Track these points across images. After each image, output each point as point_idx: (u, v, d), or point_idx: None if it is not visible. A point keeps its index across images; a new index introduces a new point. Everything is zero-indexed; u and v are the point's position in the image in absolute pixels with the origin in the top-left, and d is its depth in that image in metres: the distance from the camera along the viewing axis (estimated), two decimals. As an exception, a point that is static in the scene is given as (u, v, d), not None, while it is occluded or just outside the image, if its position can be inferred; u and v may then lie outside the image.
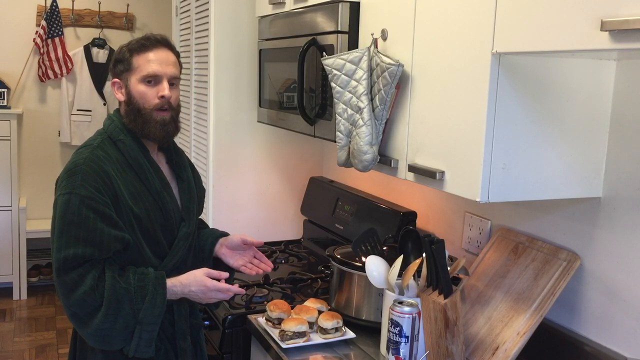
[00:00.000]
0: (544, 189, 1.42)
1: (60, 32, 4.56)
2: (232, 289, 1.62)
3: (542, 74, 1.35)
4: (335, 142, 1.75)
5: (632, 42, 0.98)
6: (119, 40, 4.69)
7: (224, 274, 1.63)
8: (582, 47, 1.08)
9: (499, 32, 1.27)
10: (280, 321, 1.77)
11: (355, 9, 1.80)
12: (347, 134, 1.69)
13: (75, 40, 4.78)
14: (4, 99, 4.41)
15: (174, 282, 1.60)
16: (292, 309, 1.83)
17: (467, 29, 1.36)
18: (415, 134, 1.56)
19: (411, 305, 1.56)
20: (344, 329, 1.78)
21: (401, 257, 1.66)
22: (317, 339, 1.75)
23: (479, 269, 1.75)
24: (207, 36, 2.64)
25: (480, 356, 1.57)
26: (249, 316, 1.91)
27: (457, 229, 2.00)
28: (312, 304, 1.89)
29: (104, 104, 4.75)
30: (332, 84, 1.70)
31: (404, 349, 1.56)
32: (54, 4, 4.51)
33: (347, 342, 1.77)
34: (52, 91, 4.75)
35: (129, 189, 1.59)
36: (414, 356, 1.58)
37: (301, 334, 1.71)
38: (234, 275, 1.86)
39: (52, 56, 4.56)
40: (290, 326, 1.71)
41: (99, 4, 4.76)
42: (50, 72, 4.59)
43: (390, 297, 1.64)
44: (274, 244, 2.71)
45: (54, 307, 4.37)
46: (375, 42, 1.65)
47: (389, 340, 1.58)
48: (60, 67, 4.59)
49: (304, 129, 2.08)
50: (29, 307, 4.37)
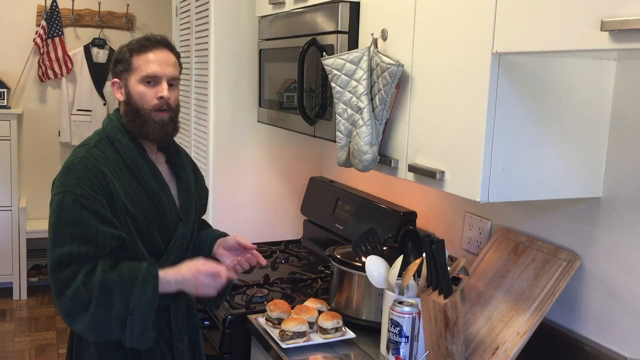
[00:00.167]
0: (544, 189, 1.42)
1: (60, 32, 4.56)
2: (224, 272, 1.60)
3: (542, 74, 1.35)
4: (335, 142, 1.75)
5: (632, 42, 0.98)
6: (119, 40, 4.69)
7: (221, 267, 1.62)
8: (582, 47, 1.08)
9: (499, 32, 1.27)
10: (280, 321, 1.77)
11: (355, 9, 1.80)
12: (347, 134, 1.69)
13: (75, 40, 4.78)
14: (4, 99, 4.41)
15: (166, 270, 1.59)
16: (292, 309, 1.83)
17: (467, 29, 1.36)
18: (415, 134, 1.56)
19: (411, 305, 1.56)
20: (344, 329, 1.78)
21: (401, 257, 1.66)
22: (317, 339, 1.75)
23: (479, 269, 1.75)
24: (207, 36, 2.64)
25: (480, 356, 1.57)
26: (249, 316, 1.91)
27: (457, 229, 2.00)
28: (312, 304, 1.89)
29: (104, 104, 4.75)
30: (332, 84, 1.70)
31: (404, 349, 1.56)
32: (54, 4, 4.51)
33: (347, 342, 1.77)
34: (52, 91, 4.75)
35: (125, 188, 1.59)
36: (414, 356, 1.58)
37: (301, 334, 1.71)
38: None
39: (52, 56, 4.56)
40: (290, 326, 1.71)
41: (99, 4, 4.76)
42: (50, 72, 4.59)
43: (390, 297, 1.64)
44: (274, 244, 2.71)
45: (54, 307, 4.37)
46: (375, 42, 1.65)
47: (389, 340, 1.58)
48: (60, 67, 4.59)
49: (304, 129, 2.08)
50: (29, 307, 4.37)
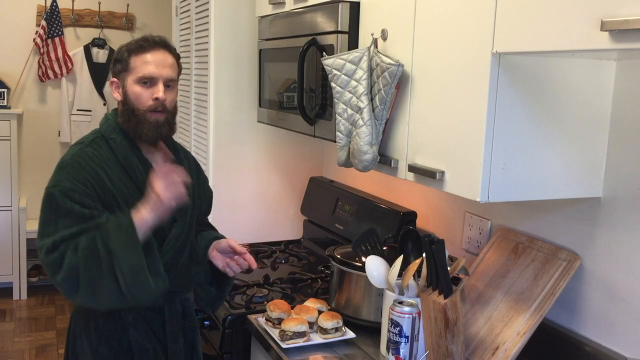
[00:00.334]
0: (544, 189, 1.42)
1: (60, 32, 4.55)
2: (174, 168, 1.56)
3: (542, 74, 1.35)
4: (335, 142, 1.75)
5: (632, 42, 0.98)
6: (119, 40, 4.68)
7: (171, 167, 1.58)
8: (582, 47, 1.08)
9: (499, 32, 1.27)
10: (280, 321, 1.77)
11: (355, 9, 1.80)
12: (347, 134, 1.69)
13: (75, 40, 4.78)
14: (4, 99, 4.41)
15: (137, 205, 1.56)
16: (292, 309, 1.83)
17: (467, 29, 1.36)
18: (415, 134, 1.56)
19: (411, 305, 1.56)
20: (344, 329, 1.78)
21: (401, 257, 1.66)
22: (317, 339, 1.75)
23: (479, 269, 1.75)
24: (207, 36, 2.64)
25: (480, 356, 1.57)
26: (249, 316, 1.91)
27: (457, 229, 2.00)
28: (312, 304, 1.88)
29: (104, 104, 4.75)
30: (332, 84, 1.70)
31: (404, 349, 1.56)
32: (54, 4, 4.51)
33: (347, 342, 1.77)
34: (52, 91, 4.74)
35: (118, 186, 1.60)
36: (414, 356, 1.58)
37: (301, 334, 1.71)
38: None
39: (52, 56, 4.55)
40: (290, 326, 1.71)
41: (99, 4, 4.76)
42: (50, 72, 4.59)
43: (390, 297, 1.64)
44: (274, 244, 2.71)
45: (54, 307, 4.37)
46: (375, 42, 1.65)
47: (389, 340, 1.58)
48: (60, 67, 4.59)
49: (304, 129, 2.08)
50: (29, 307, 4.37)
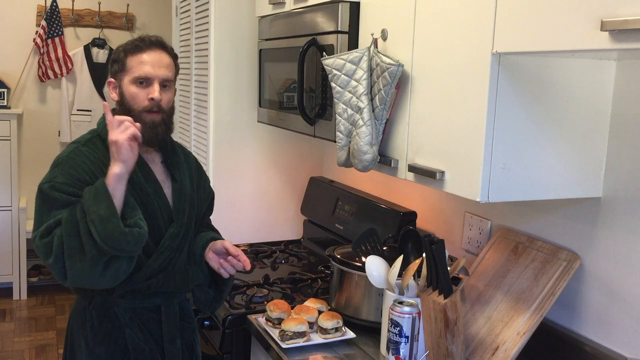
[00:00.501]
0: (544, 189, 1.42)
1: (60, 32, 4.55)
2: (122, 118, 1.53)
3: (542, 74, 1.35)
4: (335, 142, 1.75)
5: (632, 42, 0.98)
6: (119, 40, 4.67)
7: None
8: (582, 47, 1.08)
9: (499, 32, 1.27)
10: (280, 321, 1.77)
11: (355, 9, 1.80)
12: (347, 134, 1.69)
13: (75, 40, 4.78)
14: (4, 99, 4.41)
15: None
16: (292, 309, 1.83)
17: (467, 29, 1.36)
18: (415, 134, 1.56)
19: (411, 305, 1.57)
20: (344, 329, 1.78)
21: (401, 257, 1.66)
22: (317, 339, 1.75)
23: (479, 269, 1.75)
24: (207, 36, 2.64)
25: (480, 356, 1.57)
26: (249, 316, 1.91)
27: (457, 229, 2.00)
28: (312, 304, 1.88)
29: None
30: (332, 84, 1.70)
31: (404, 349, 1.56)
32: (54, 4, 4.51)
33: (347, 342, 1.77)
34: (52, 91, 4.74)
35: None
36: (414, 356, 1.58)
37: (301, 334, 1.71)
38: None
39: (52, 56, 4.55)
40: (290, 326, 1.71)
41: (99, 4, 4.76)
42: (50, 72, 4.58)
43: (390, 297, 1.64)
44: (274, 244, 2.71)
45: (54, 307, 4.37)
46: (375, 42, 1.65)
47: (389, 340, 1.58)
48: (60, 67, 4.59)
49: (304, 129, 2.08)
50: (29, 307, 4.37)
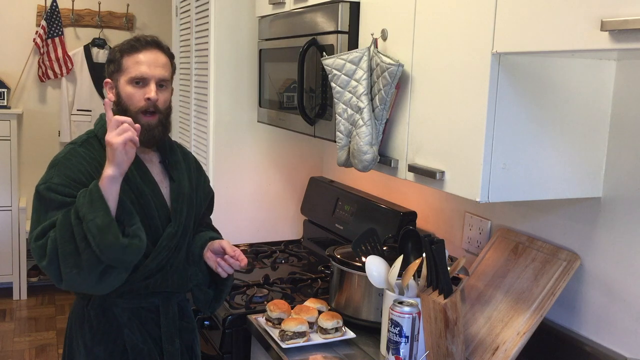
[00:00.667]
0: (544, 189, 1.42)
1: (60, 32, 4.55)
2: (121, 118, 1.51)
3: (542, 74, 1.35)
4: (335, 142, 1.75)
5: (632, 42, 0.98)
6: (119, 40, 4.65)
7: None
8: (582, 47, 1.08)
9: (499, 32, 1.27)
10: (280, 321, 1.77)
11: (355, 9, 1.80)
12: (347, 134, 1.69)
13: (75, 40, 4.78)
14: (4, 99, 4.41)
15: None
16: (292, 309, 1.83)
17: (467, 29, 1.36)
18: (415, 134, 1.56)
19: (411, 305, 1.57)
20: (344, 329, 1.78)
21: (401, 257, 1.66)
22: (317, 339, 1.75)
23: (479, 269, 1.75)
24: (207, 36, 2.64)
25: (480, 356, 1.57)
26: (249, 316, 1.91)
27: (457, 229, 2.00)
28: (312, 304, 1.88)
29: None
30: (332, 84, 1.70)
31: (404, 349, 1.56)
32: (54, 4, 4.51)
33: (347, 342, 1.77)
34: (52, 91, 4.74)
35: None
36: (414, 356, 1.58)
37: (301, 334, 1.71)
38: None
39: (52, 56, 4.55)
40: (290, 326, 1.71)
41: (99, 4, 4.76)
42: (50, 72, 4.58)
43: (390, 297, 1.64)
44: (274, 244, 2.71)
45: (54, 307, 4.37)
46: (375, 42, 1.65)
47: (389, 340, 1.58)
48: (60, 67, 4.59)
49: (304, 129, 2.08)
50: (29, 307, 4.37)
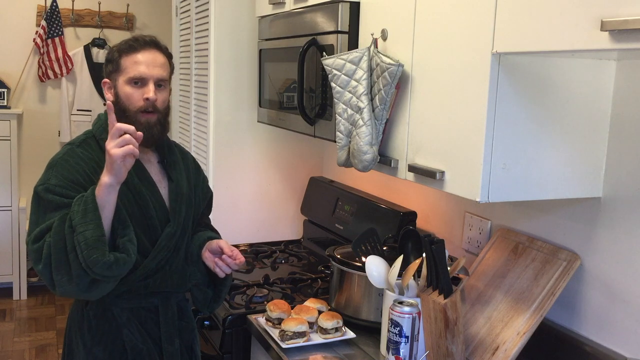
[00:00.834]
0: (544, 189, 1.42)
1: (60, 32, 4.55)
2: (124, 127, 1.50)
3: (542, 74, 1.35)
4: (335, 142, 1.75)
5: (632, 42, 0.98)
6: (119, 40, 4.67)
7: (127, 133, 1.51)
8: (582, 47, 1.08)
9: (499, 32, 1.27)
10: (280, 321, 1.77)
11: (355, 9, 1.80)
12: (347, 134, 1.69)
13: (75, 40, 4.78)
14: (4, 99, 4.41)
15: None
16: (292, 309, 1.83)
17: (467, 29, 1.36)
18: (415, 134, 1.56)
19: (411, 305, 1.57)
20: (344, 329, 1.78)
21: (401, 257, 1.66)
22: (317, 339, 1.75)
23: (479, 269, 1.75)
24: (207, 36, 2.64)
25: (480, 356, 1.57)
26: (249, 316, 1.91)
27: (457, 229, 2.00)
28: (312, 304, 1.88)
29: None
30: (332, 84, 1.70)
31: (404, 349, 1.56)
32: (54, 4, 4.51)
33: (347, 342, 1.77)
34: (52, 91, 4.74)
35: None
36: (414, 356, 1.58)
37: (301, 334, 1.71)
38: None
39: (52, 56, 4.55)
40: (290, 326, 1.71)
41: (99, 4, 4.76)
42: (50, 72, 4.59)
43: (390, 297, 1.64)
44: (274, 244, 2.71)
45: (54, 307, 4.37)
46: (375, 42, 1.65)
47: (389, 340, 1.58)
48: (60, 67, 4.59)
49: (304, 129, 2.08)
50: (29, 307, 4.37)
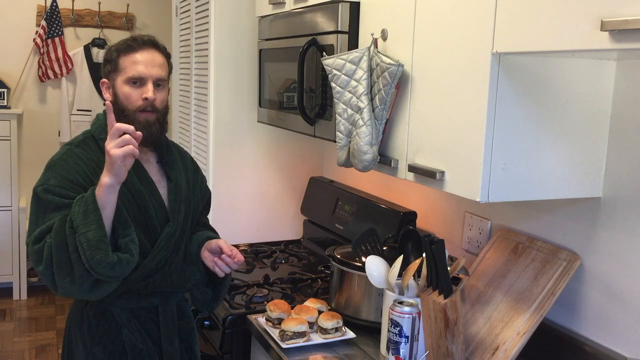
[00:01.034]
0: (544, 189, 1.42)
1: (60, 32, 4.56)
2: (123, 127, 1.50)
3: (542, 74, 1.35)
4: (335, 142, 1.75)
5: (632, 42, 0.98)
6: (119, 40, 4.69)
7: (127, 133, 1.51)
8: (582, 47, 1.08)
9: (499, 32, 1.27)
10: (280, 321, 1.77)
11: (355, 9, 1.80)
12: (347, 134, 1.69)
13: (75, 40, 4.78)
14: (4, 99, 4.41)
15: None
16: (292, 309, 1.83)
17: (467, 29, 1.36)
18: (415, 134, 1.56)
19: (411, 305, 1.57)
20: (344, 329, 1.78)
21: (401, 257, 1.66)
22: (317, 339, 1.75)
23: (479, 269, 1.75)
24: (207, 36, 2.64)
25: (480, 356, 1.57)
26: (249, 316, 1.91)
27: (457, 229, 2.00)
28: (312, 304, 1.88)
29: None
30: (332, 84, 1.70)
31: (404, 349, 1.56)
32: (54, 4, 4.51)
33: (347, 342, 1.77)
34: (52, 91, 4.74)
35: None
36: (414, 356, 1.58)
37: (301, 334, 1.71)
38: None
39: (52, 56, 4.55)
40: (290, 326, 1.71)
41: (99, 4, 4.76)
42: (50, 72, 4.59)
43: (390, 297, 1.64)
44: (274, 244, 2.71)
45: (54, 307, 4.37)
46: (375, 42, 1.65)
47: (389, 340, 1.58)
48: (60, 67, 4.59)
49: (304, 129, 2.08)
50: (29, 307, 4.37)
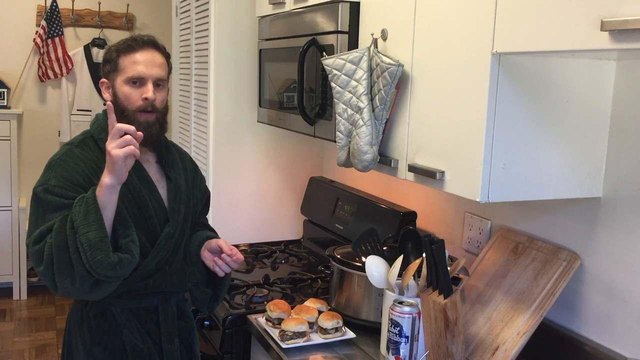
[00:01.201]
0: (544, 189, 1.42)
1: (60, 32, 4.56)
2: (124, 127, 1.50)
3: (542, 74, 1.35)
4: (335, 142, 1.75)
5: (632, 42, 0.98)
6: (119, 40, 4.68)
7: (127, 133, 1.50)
8: (582, 47, 1.08)
9: (499, 32, 1.27)
10: (280, 321, 1.77)
11: (355, 9, 1.80)
12: (347, 134, 1.69)
13: (75, 40, 4.78)
14: (4, 99, 4.41)
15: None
16: (292, 309, 1.83)
17: (467, 29, 1.36)
18: (415, 134, 1.56)
19: (411, 305, 1.57)
20: (344, 329, 1.78)
21: (401, 257, 1.66)
22: (317, 339, 1.75)
23: (479, 269, 1.75)
24: (207, 36, 2.64)
25: (480, 356, 1.57)
26: (249, 316, 1.91)
27: (457, 229, 2.00)
28: (312, 304, 1.89)
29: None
30: (332, 84, 1.70)
31: (404, 349, 1.56)
32: (54, 4, 4.51)
33: (347, 342, 1.77)
34: (52, 91, 4.74)
35: None
36: (414, 356, 1.58)
37: (301, 334, 1.71)
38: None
39: (52, 56, 4.55)
40: (290, 326, 1.71)
41: (99, 4, 4.76)
42: (50, 72, 4.59)
43: (390, 297, 1.64)
44: (274, 244, 2.71)
45: (54, 307, 4.37)
46: (375, 42, 1.65)
47: (389, 340, 1.59)
48: (60, 67, 4.59)
49: (304, 129, 2.08)
50: (29, 307, 4.37)
